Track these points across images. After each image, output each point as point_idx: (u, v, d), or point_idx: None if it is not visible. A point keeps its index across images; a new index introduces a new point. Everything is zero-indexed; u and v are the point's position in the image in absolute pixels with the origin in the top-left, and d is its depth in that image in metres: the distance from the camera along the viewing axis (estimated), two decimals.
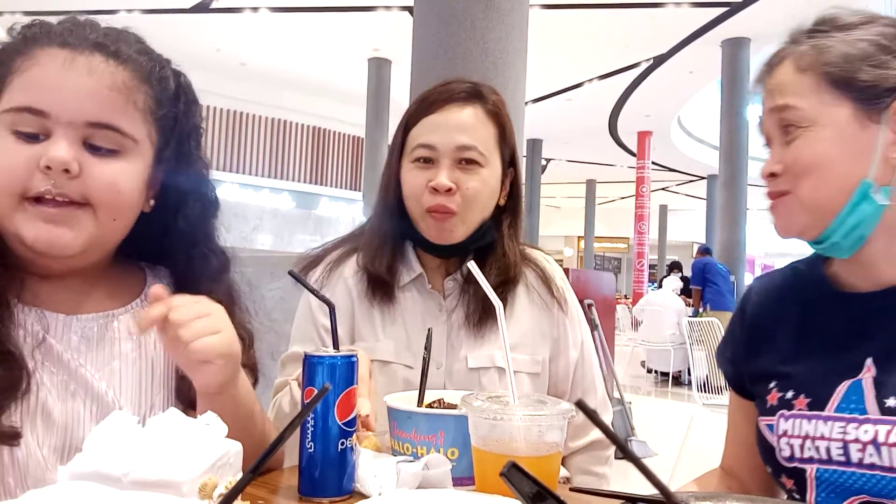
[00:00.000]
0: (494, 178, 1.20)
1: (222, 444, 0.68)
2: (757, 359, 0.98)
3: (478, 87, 1.22)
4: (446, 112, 1.18)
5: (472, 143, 1.17)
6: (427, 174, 1.17)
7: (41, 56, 0.83)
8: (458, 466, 0.83)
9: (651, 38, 10.09)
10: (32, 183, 0.81)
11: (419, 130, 1.19)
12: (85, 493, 0.56)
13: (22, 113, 0.81)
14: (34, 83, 0.82)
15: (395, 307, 1.21)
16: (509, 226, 1.26)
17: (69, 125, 0.82)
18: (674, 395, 8.00)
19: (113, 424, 0.66)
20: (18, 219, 0.82)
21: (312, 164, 14.83)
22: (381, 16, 9.56)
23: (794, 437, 0.87)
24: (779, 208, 0.88)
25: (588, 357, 1.30)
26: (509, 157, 1.24)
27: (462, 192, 1.16)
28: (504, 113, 1.23)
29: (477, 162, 1.17)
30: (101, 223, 0.85)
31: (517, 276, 1.24)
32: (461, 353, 1.19)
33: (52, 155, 0.80)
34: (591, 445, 1.29)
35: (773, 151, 0.88)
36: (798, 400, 0.88)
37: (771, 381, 0.93)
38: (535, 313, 1.25)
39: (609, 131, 15.42)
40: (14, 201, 0.81)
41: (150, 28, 0.94)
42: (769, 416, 0.91)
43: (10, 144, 0.81)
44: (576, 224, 23.91)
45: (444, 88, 1.21)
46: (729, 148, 9.89)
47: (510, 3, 3.38)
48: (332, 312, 0.90)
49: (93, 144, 0.84)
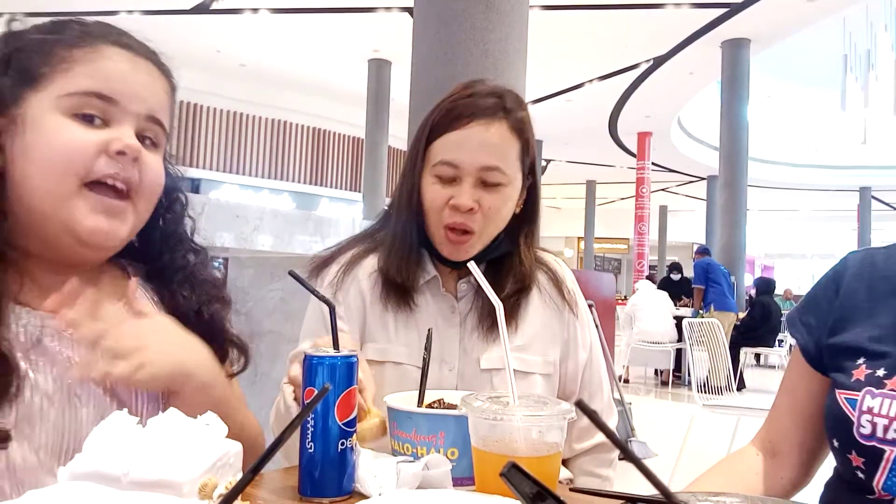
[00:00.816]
0: (515, 195, 1.20)
1: (222, 444, 0.67)
2: (845, 332, 0.94)
3: (503, 98, 1.18)
4: (471, 129, 1.14)
5: (497, 163, 1.14)
6: (449, 191, 1.14)
7: (107, 51, 0.87)
8: (458, 467, 0.83)
9: (651, 39, 10.10)
10: (97, 166, 0.84)
11: (442, 145, 1.15)
12: (85, 493, 0.56)
13: (90, 97, 0.84)
14: (104, 73, 0.86)
15: (409, 310, 1.20)
16: (526, 234, 1.25)
17: (133, 116, 0.87)
18: (674, 395, 8.00)
19: (113, 424, 0.66)
20: (77, 206, 0.83)
21: (312, 164, 14.83)
22: (381, 17, 9.57)
23: (879, 416, 0.85)
24: None
25: (596, 359, 1.31)
26: (529, 166, 1.23)
27: (483, 212, 1.14)
28: (528, 127, 1.20)
29: (500, 183, 1.15)
30: (139, 216, 0.90)
31: (532, 282, 1.23)
32: (473, 354, 1.19)
33: (128, 141, 0.85)
34: (596, 448, 1.29)
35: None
36: (892, 380, 0.86)
37: (859, 357, 0.90)
38: (546, 315, 1.25)
39: (609, 132, 15.43)
40: (75, 185, 0.83)
41: (151, 29, 0.95)
42: (852, 390, 0.89)
43: (72, 127, 0.83)
44: (576, 225, 23.91)
45: (470, 102, 1.16)
46: (729, 149, 9.90)
47: (510, 4, 3.38)
48: (332, 313, 0.90)
49: (146, 136, 0.89)
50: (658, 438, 4.94)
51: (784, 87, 15.14)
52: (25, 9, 5.54)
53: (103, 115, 0.85)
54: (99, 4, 9.35)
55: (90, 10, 9.83)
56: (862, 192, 20.18)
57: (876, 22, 10.24)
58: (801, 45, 11.27)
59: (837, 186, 20.50)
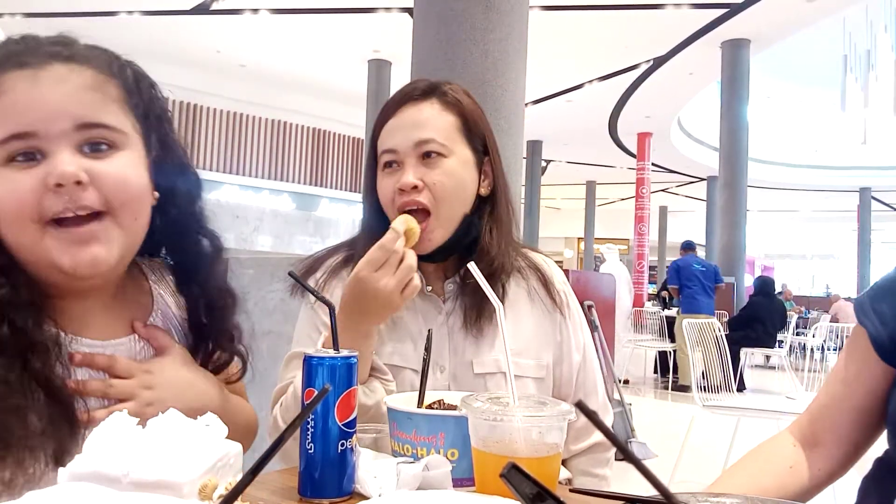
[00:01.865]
0: (462, 168, 1.18)
1: (222, 445, 0.67)
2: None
3: (436, 83, 1.21)
4: (403, 113, 1.18)
5: (430, 135, 1.15)
6: (394, 178, 1.16)
7: (6, 82, 0.81)
8: (458, 468, 0.83)
9: (651, 40, 10.10)
10: (46, 204, 0.79)
11: (382, 137, 1.19)
12: (85, 493, 0.56)
13: (10, 142, 0.79)
14: (9, 110, 0.80)
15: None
16: (489, 215, 1.23)
17: (60, 136, 0.80)
18: (674, 396, 8.00)
19: (113, 425, 0.66)
20: (48, 246, 0.80)
21: (312, 165, 14.83)
22: (381, 17, 9.57)
23: None
24: None
25: (590, 360, 1.30)
26: (481, 145, 1.22)
27: (429, 188, 1.14)
28: (466, 102, 1.21)
29: (439, 153, 1.15)
30: (126, 228, 0.85)
31: (503, 268, 1.21)
32: (465, 357, 1.18)
33: (61, 170, 0.79)
34: (592, 448, 1.29)
35: None
36: None
37: None
38: (537, 318, 1.24)
39: (609, 132, 15.42)
40: (37, 228, 0.80)
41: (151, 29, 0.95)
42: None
43: (9, 174, 0.80)
44: (576, 225, 23.91)
45: (401, 91, 1.21)
46: (729, 149, 9.90)
47: (510, 4, 3.38)
48: (332, 313, 0.90)
49: (90, 144, 0.82)
50: (658, 439, 4.94)
51: (784, 88, 15.13)
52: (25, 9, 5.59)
53: (34, 150, 0.80)
54: (99, 4, 9.36)
55: (90, 11, 9.84)
56: (862, 192, 20.18)
57: (876, 22, 10.24)
58: (801, 45, 11.27)
59: (837, 187, 20.49)
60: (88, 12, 9.53)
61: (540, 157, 16.69)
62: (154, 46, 10.97)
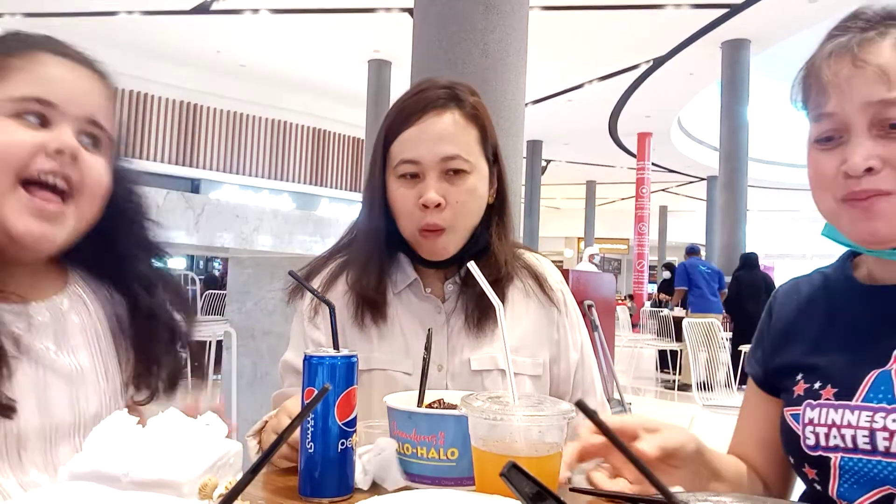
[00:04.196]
0: (482, 183, 1.18)
1: (222, 444, 0.68)
2: (783, 353, 0.98)
3: (454, 89, 1.19)
4: (425, 122, 1.14)
5: (456, 151, 1.13)
6: (416, 190, 1.14)
7: (45, 59, 0.90)
8: (458, 467, 0.83)
9: (651, 40, 10.10)
10: (35, 163, 0.86)
11: (400, 145, 1.15)
12: (85, 493, 0.56)
13: (29, 102, 0.87)
14: (42, 78, 0.89)
15: (389, 318, 1.20)
16: (497, 224, 1.23)
17: (73, 118, 0.89)
18: (674, 395, 8.00)
19: (113, 424, 0.66)
20: (9, 206, 0.85)
21: (312, 165, 14.82)
22: (382, 17, 9.57)
23: (819, 426, 0.87)
24: (878, 208, 0.81)
25: (588, 359, 1.30)
26: (493, 155, 1.22)
27: (451, 206, 1.13)
28: (483, 113, 1.20)
29: (463, 170, 1.14)
30: (81, 216, 0.91)
31: (508, 274, 1.21)
32: (463, 355, 1.18)
33: (66, 140, 0.88)
34: None
35: (859, 146, 0.81)
36: (825, 390, 0.88)
37: (797, 374, 0.93)
38: (534, 316, 1.24)
39: (609, 132, 15.43)
40: (9, 182, 0.85)
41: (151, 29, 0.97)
42: (795, 406, 0.91)
43: (11, 127, 0.86)
44: (576, 225, 23.91)
45: (420, 97, 1.17)
46: (729, 149, 9.90)
47: (510, 5, 3.38)
48: (333, 313, 0.90)
49: (88, 136, 0.92)
50: None
51: (784, 88, 15.02)
52: (25, 9, 5.59)
53: (43, 117, 0.88)
54: (99, 4, 9.36)
55: (90, 11, 9.85)
56: None
57: None
58: (802, 45, 11.27)
59: None
60: (88, 12, 9.54)
61: (540, 157, 16.69)
62: (154, 46, 10.97)
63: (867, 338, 0.88)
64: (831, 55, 0.85)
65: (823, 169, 0.85)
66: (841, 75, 0.83)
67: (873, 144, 0.81)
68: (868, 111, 0.81)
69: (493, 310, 1.13)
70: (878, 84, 0.80)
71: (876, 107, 0.80)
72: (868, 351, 0.87)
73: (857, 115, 0.81)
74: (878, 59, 0.81)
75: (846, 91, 0.82)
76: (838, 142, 0.84)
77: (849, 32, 0.86)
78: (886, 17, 0.85)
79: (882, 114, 0.80)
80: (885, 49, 0.81)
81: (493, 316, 1.17)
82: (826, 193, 0.86)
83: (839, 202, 0.84)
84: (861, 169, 0.80)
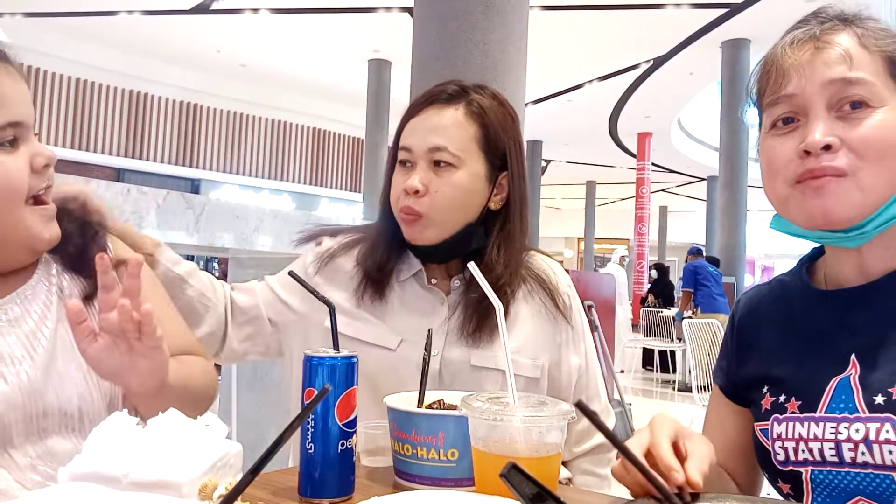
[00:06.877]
0: (472, 181, 1.17)
1: (222, 444, 0.67)
2: (747, 365, 0.97)
3: (467, 88, 1.20)
4: (426, 114, 1.19)
5: (444, 143, 1.15)
6: (405, 177, 1.17)
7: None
8: (458, 467, 0.83)
9: (651, 40, 10.10)
10: (33, 183, 0.91)
11: (404, 133, 1.21)
12: (85, 493, 0.56)
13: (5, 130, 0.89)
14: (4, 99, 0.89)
15: (390, 298, 1.21)
16: (498, 232, 1.21)
17: (29, 127, 0.92)
18: (674, 396, 8.00)
19: (113, 425, 0.66)
20: (31, 222, 0.92)
21: (312, 165, 14.82)
22: (382, 17, 9.57)
23: (787, 440, 0.86)
24: (831, 187, 0.81)
25: (592, 365, 1.30)
26: (500, 159, 1.21)
27: (430, 195, 1.15)
28: (490, 114, 1.19)
29: (450, 164, 1.15)
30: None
31: (507, 285, 1.19)
32: (463, 351, 1.18)
33: (51, 153, 0.94)
34: (594, 449, 1.29)
35: (820, 124, 0.81)
36: (790, 403, 0.88)
37: (763, 386, 0.93)
38: (537, 320, 1.24)
39: (609, 132, 15.42)
40: (23, 201, 0.91)
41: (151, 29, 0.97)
42: (763, 421, 0.91)
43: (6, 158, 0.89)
44: (576, 225, 23.90)
45: (431, 91, 1.21)
46: (729, 149, 9.89)
47: (510, 5, 3.38)
48: (332, 313, 0.90)
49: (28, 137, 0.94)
50: None
51: None
52: (25, 9, 5.59)
53: (19, 138, 0.91)
54: (99, 4, 9.36)
55: (90, 11, 9.84)
56: None
57: None
58: None
59: None
60: (88, 12, 9.53)
61: (540, 157, 16.69)
62: (154, 46, 10.97)
63: (825, 344, 0.88)
64: (794, 42, 0.87)
65: (779, 154, 0.85)
66: (803, 58, 0.85)
67: (833, 124, 0.82)
68: (828, 90, 0.82)
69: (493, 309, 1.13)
70: (839, 64, 0.82)
71: (837, 85, 0.81)
72: (826, 358, 0.86)
73: (816, 96, 0.82)
74: (839, 41, 0.83)
75: (807, 72, 0.83)
76: (796, 125, 0.85)
77: (808, 25, 0.88)
78: (842, 16, 0.87)
79: (842, 92, 0.81)
80: (846, 36, 0.84)
81: (494, 319, 1.17)
82: (778, 179, 0.86)
83: (791, 186, 0.84)
84: (820, 145, 0.80)
